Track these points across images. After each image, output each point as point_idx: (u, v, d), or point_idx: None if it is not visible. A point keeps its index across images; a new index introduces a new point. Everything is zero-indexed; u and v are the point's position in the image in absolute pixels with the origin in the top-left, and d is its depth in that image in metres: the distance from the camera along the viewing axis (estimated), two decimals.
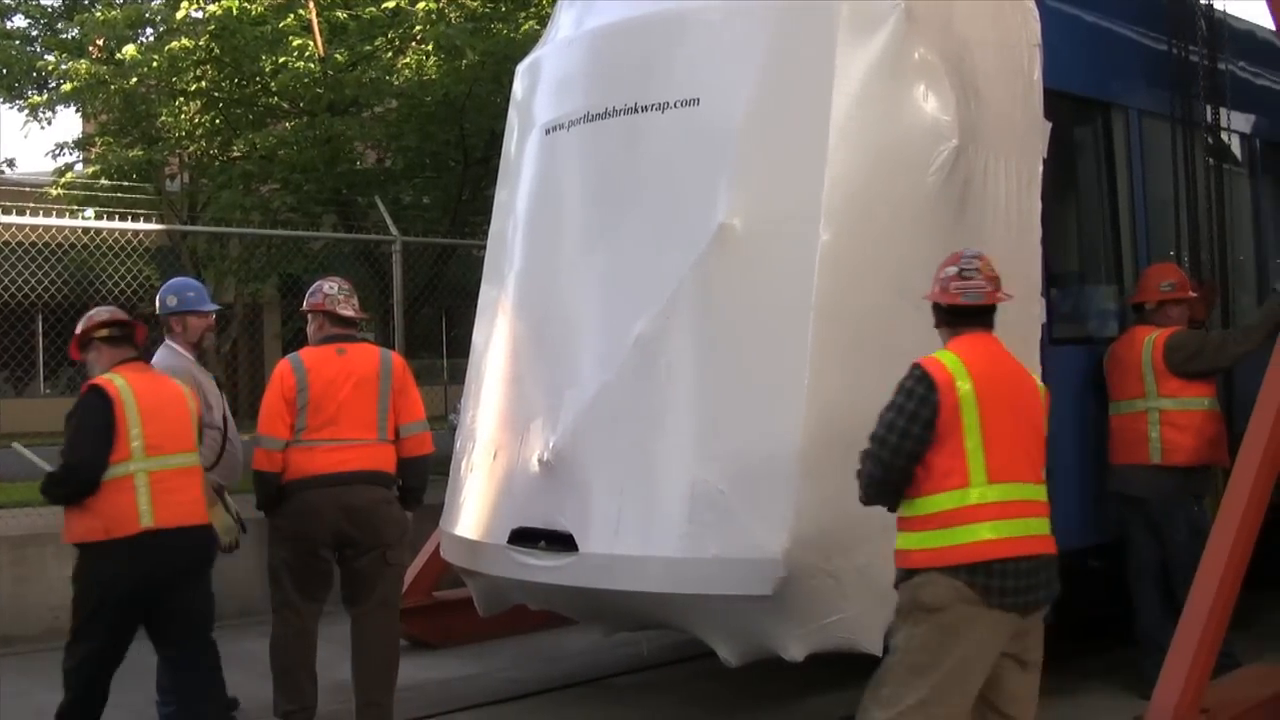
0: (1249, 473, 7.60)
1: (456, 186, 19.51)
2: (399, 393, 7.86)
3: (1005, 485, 5.67)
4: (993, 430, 5.66)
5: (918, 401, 5.62)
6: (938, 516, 5.62)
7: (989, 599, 5.55)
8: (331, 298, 7.91)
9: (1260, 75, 11.58)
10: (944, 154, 7.51)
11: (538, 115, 8.80)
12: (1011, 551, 5.63)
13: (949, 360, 5.73)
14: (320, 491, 7.61)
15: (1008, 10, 8.37)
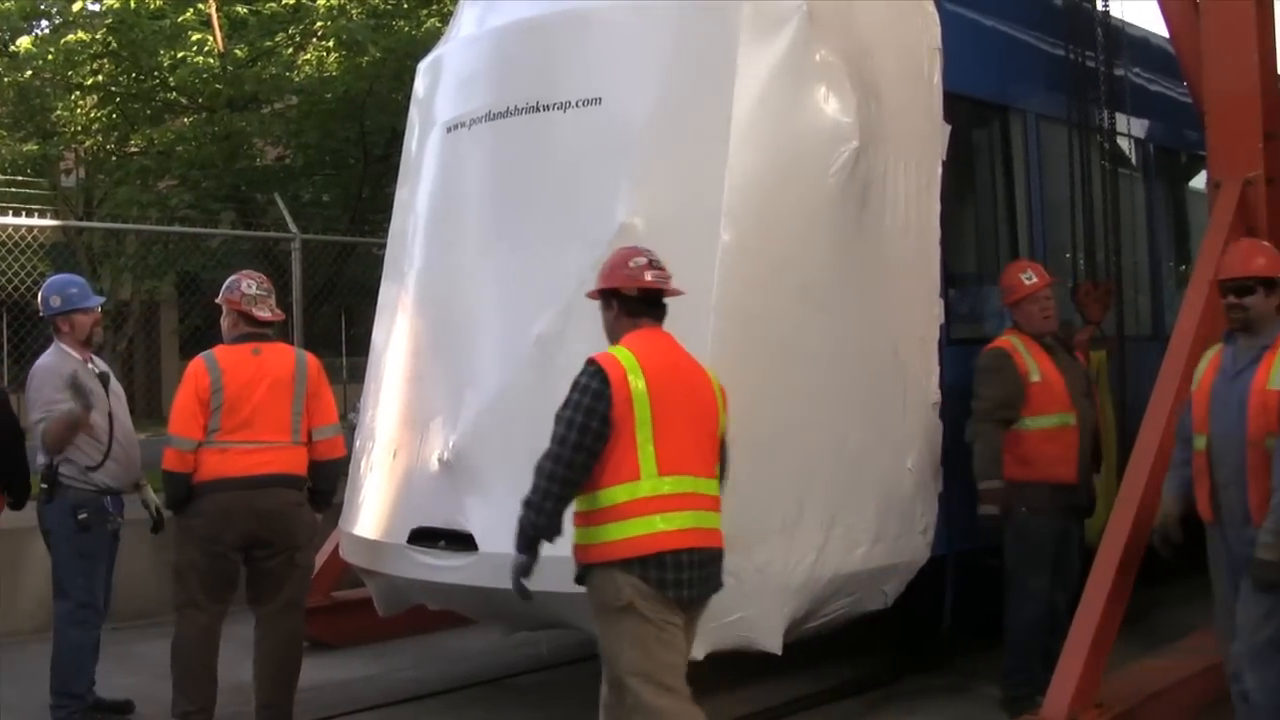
0: (1141, 474, 7.70)
1: (356, 184, 19.41)
2: (313, 395, 7.76)
3: (677, 478, 5.75)
4: (665, 425, 5.74)
5: (593, 397, 5.65)
6: (612, 510, 5.68)
7: (664, 591, 5.67)
8: (249, 298, 7.77)
9: (1155, 82, 11.74)
10: (844, 155, 7.56)
11: (439, 113, 8.76)
12: (683, 543, 5.73)
13: (624, 356, 5.78)
14: (234, 494, 7.49)
15: (908, 14, 8.45)
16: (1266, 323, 6.64)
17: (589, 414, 5.64)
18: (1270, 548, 6.17)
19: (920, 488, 8.10)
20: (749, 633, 7.22)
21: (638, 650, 5.70)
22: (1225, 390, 6.61)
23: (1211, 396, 6.68)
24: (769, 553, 7.10)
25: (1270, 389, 6.40)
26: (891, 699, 8.63)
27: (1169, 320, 10.31)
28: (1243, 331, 6.69)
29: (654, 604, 5.67)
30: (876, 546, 7.79)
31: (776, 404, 7.15)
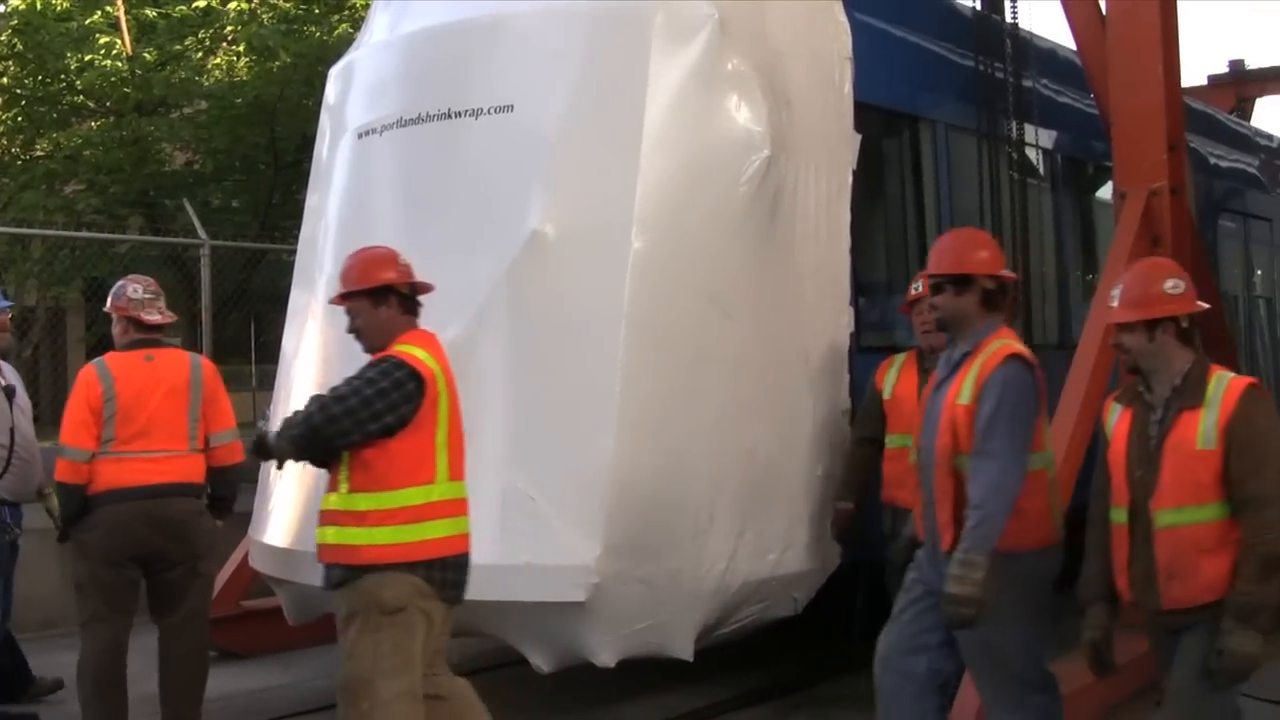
0: None
1: (266, 190, 19.29)
2: (209, 401, 7.65)
3: (456, 484, 5.94)
4: (452, 429, 5.90)
5: (404, 396, 5.72)
6: (403, 511, 5.75)
7: (442, 592, 5.84)
8: (136, 302, 7.65)
9: (1062, 93, 11.88)
10: (755, 164, 7.59)
11: (350, 119, 8.71)
12: (457, 548, 5.93)
13: (425, 358, 5.85)
14: (132, 504, 7.35)
15: (820, 23, 8.49)
16: (964, 325, 6.04)
17: (391, 408, 5.72)
18: (958, 580, 5.64)
19: (830, 495, 8.14)
20: (660, 639, 7.24)
21: (398, 657, 5.81)
22: (931, 401, 6.16)
23: (926, 406, 6.23)
24: (680, 559, 7.12)
25: (959, 404, 5.90)
26: (803, 705, 8.66)
27: (1076, 329, 10.43)
28: (948, 334, 6.22)
29: (429, 605, 5.82)
30: (787, 553, 7.83)
31: (687, 411, 7.17)
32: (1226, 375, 5.48)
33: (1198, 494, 5.35)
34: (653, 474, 6.93)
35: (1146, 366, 5.55)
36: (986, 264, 6.04)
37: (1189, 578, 5.39)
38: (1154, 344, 5.49)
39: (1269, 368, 15.77)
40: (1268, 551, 5.15)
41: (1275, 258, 16.55)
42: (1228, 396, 5.36)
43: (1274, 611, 5.17)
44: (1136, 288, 5.61)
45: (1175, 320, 5.51)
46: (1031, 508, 5.90)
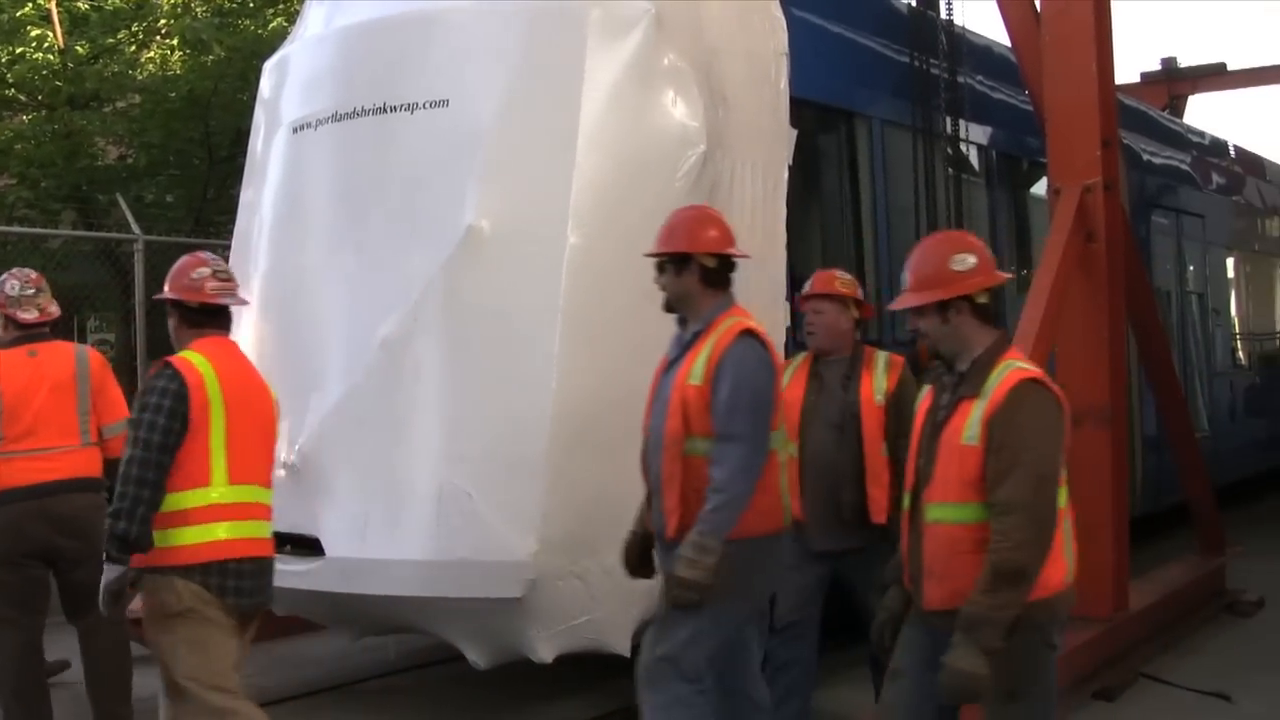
0: None
1: (201, 185, 19.11)
2: (98, 392, 7.54)
3: (245, 487, 5.85)
4: (236, 433, 5.80)
5: (174, 399, 5.65)
6: (179, 515, 5.70)
7: (225, 599, 5.75)
8: (13, 300, 7.53)
9: (997, 89, 11.95)
10: (691, 159, 7.59)
11: (285, 114, 8.66)
12: (245, 552, 5.84)
13: (198, 361, 5.78)
14: (25, 504, 7.25)
15: (756, 19, 8.50)
16: (689, 305, 5.95)
17: (170, 416, 5.62)
18: (690, 564, 5.49)
19: None
20: (597, 635, 7.23)
21: (197, 655, 5.76)
22: (661, 382, 6.02)
23: (656, 388, 6.08)
24: (617, 555, 7.11)
25: (690, 384, 5.77)
26: None
27: (1011, 323, 10.49)
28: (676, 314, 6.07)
29: (213, 610, 5.73)
30: None
31: (623, 407, 7.14)
32: (1011, 364, 5.08)
33: (961, 491, 5.00)
34: (589, 469, 6.92)
35: (946, 351, 5.20)
36: (708, 242, 5.96)
37: (945, 579, 5.04)
38: (949, 326, 5.13)
39: (1201, 363, 15.92)
40: (999, 561, 4.74)
41: (1207, 254, 16.70)
42: (999, 390, 4.98)
43: (1001, 628, 4.72)
44: (923, 267, 5.23)
45: (969, 299, 5.13)
46: (763, 491, 5.76)
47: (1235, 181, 18.86)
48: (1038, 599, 4.84)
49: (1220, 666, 9.18)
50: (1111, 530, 9.10)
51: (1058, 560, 4.97)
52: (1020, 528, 4.74)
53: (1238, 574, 11.66)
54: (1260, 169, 20.18)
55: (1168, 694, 8.59)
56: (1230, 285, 18.34)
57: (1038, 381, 5.05)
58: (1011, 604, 4.73)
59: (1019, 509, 4.76)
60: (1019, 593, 4.74)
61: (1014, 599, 4.73)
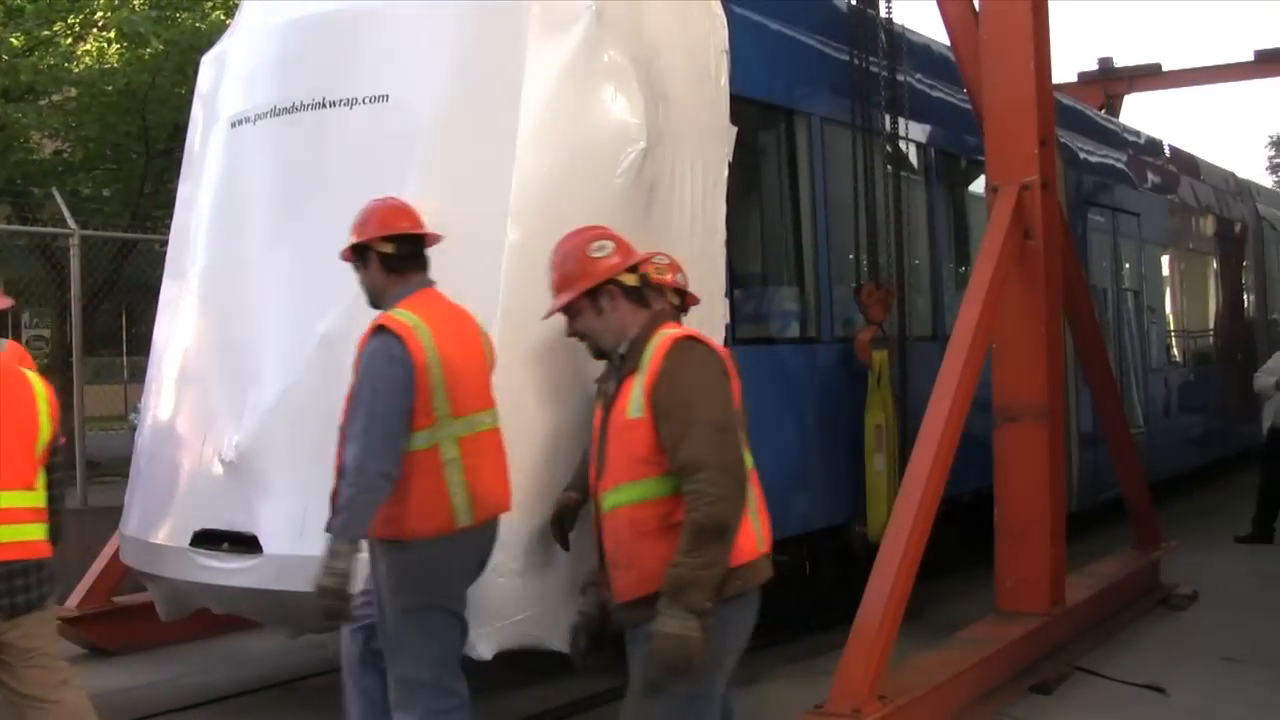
0: (922, 471, 7.87)
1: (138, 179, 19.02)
2: None
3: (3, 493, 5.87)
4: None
5: None
6: None
7: None
8: None
9: (936, 88, 12.01)
10: (631, 156, 7.58)
11: (223, 108, 8.60)
12: None
13: None
14: None
15: (696, 16, 8.51)
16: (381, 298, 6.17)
17: None
18: (325, 573, 5.51)
19: None
20: (536, 631, 7.21)
21: None
22: None
23: None
24: (555, 551, 7.11)
25: None
26: None
27: (949, 321, 10.56)
28: None
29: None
30: None
31: (562, 404, 7.15)
32: (665, 333, 5.04)
33: (633, 469, 4.91)
34: (528, 466, 6.91)
35: (609, 344, 5.18)
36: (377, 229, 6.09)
37: (632, 566, 4.95)
38: (605, 317, 5.16)
39: (1137, 360, 16.06)
40: (700, 519, 4.64)
41: (1143, 251, 16.85)
42: (654, 357, 4.92)
43: (709, 588, 4.63)
44: (564, 265, 5.27)
45: (618, 284, 5.16)
46: (417, 490, 5.72)
47: (1170, 180, 19.03)
48: (732, 566, 4.77)
49: (1155, 660, 9.28)
50: (1048, 526, 9.18)
51: (745, 527, 4.89)
52: (714, 482, 4.66)
53: (1172, 569, 11.77)
54: (1194, 168, 20.38)
55: (1103, 687, 8.67)
56: (1165, 283, 18.51)
57: (692, 339, 5.02)
58: (718, 561, 4.65)
59: (707, 464, 4.68)
60: (724, 548, 4.67)
61: (719, 556, 4.65)
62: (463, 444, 5.87)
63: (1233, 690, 8.64)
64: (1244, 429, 19.52)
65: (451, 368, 5.86)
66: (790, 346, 9.86)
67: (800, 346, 9.93)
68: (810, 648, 9.49)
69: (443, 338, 5.88)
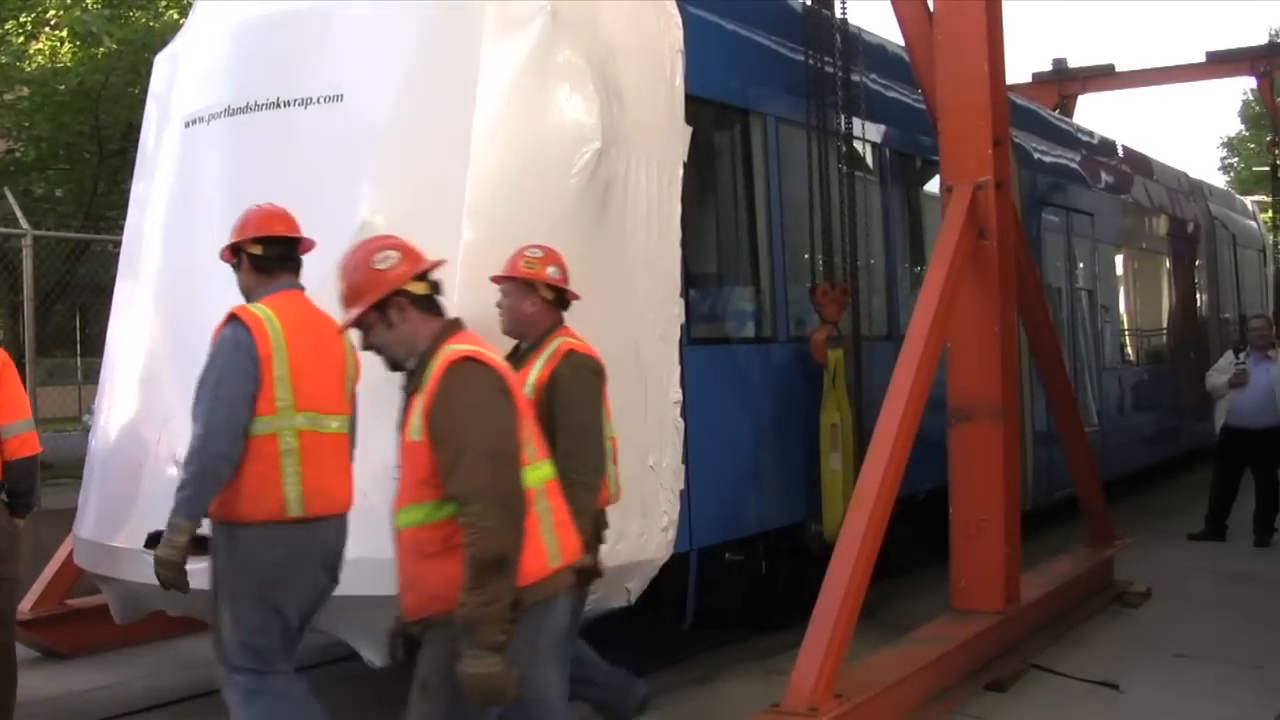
0: (878, 470, 7.90)
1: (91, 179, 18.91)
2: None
3: None
4: None
5: None
6: None
7: None
8: None
9: (891, 88, 12.05)
10: (586, 156, 7.60)
11: (177, 108, 8.56)
12: None
13: None
14: None
15: (651, 16, 8.53)
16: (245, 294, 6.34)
17: None
18: (164, 544, 5.91)
19: (662, 485, 8.18)
20: None
21: None
22: None
23: None
24: None
25: None
26: None
27: (904, 320, 10.60)
28: None
29: None
30: (620, 544, 7.84)
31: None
32: (448, 349, 4.85)
33: (417, 491, 4.79)
34: None
35: (402, 356, 4.99)
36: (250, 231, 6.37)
37: (413, 588, 4.88)
38: (396, 329, 4.97)
39: (1091, 358, 16.16)
40: (477, 553, 4.51)
41: (1096, 251, 16.94)
42: (432, 377, 4.77)
43: (498, 621, 4.53)
44: (351, 277, 5.04)
45: (406, 294, 4.96)
46: (252, 475, 5.85)
47: (1124, 180, 19.14)
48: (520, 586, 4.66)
49: (1109, 656, 9.33)
50: (1002, 524, 9.22)
51: (532, 544, 4.76)
52: (485, 515, 4.53)
53: (1126, 566, 11.84)
54: (1148, 168, 20.50)
55: (1058, 684, 8.72)
56: (1119, 282, 18.62)
57: (470, 360, 4.82)
58: (501, 595, 4.53)
59: (478, 496, 4.56)
60: (505, 579, 4.54)
61: (501, 588, 4.53)
62: (303, 437, 5.98)
63: (1186, 685, 8.70)
64: (1197, 427, 19.66)
65: (299, 363, 5.99)
66: (745, 346, 9.88)
67: (755, 346, 9.95)
68: (766, 647, 9.52)
69: (294, 334, 6.02)
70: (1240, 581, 12.30)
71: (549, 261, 6.68)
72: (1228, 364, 14.44)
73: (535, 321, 6.62)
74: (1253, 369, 14.11)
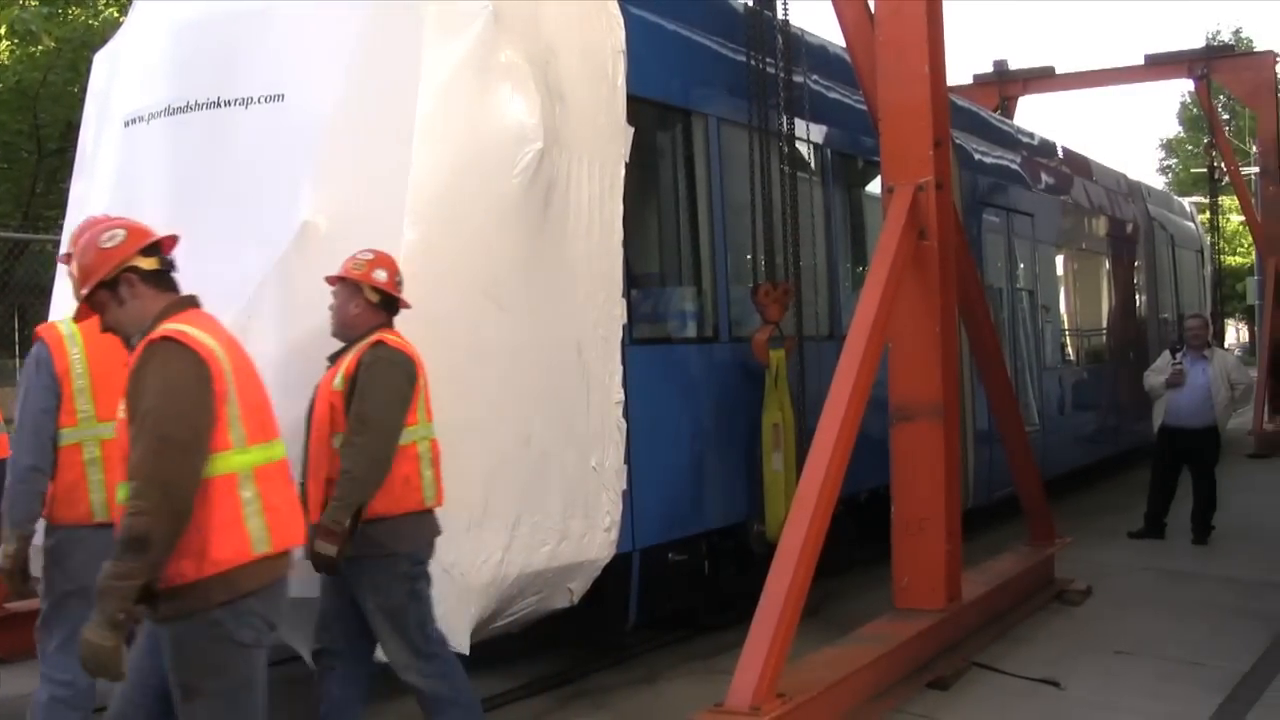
0: (820, 469, 7.91)
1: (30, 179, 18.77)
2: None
3: None
4: None
5: None
6: None
7: None
8: None
9: (833, 89, 12.09)
10: (528, 156, 7.60)
11: (117, 106, 8.50)
12: None
13: None
14: None
15: (593, 16, 8.53)
16: None
17: None
18: None
19: (605, 486, 8.20)
20: None
21: None
22: None
23: None
24: (455, 552, 7.09)
25: None
26: (580, 695, 8.71)
27: (846, 320, 10.63)
28: None
29: None
30: (562, 545, 7.86)
31: (460, 403, 7.14)
32: (161, 329, 4.84)
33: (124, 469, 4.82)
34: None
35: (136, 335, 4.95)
36: None
37: None
38: (128, 306, 4.98)
39: (1031, 358, 16.26)
40: (124, 528, 4.57)
41: (1036, 251, 17.04)
42: (135, 354, 4.83)
43: (122, 599, 4.54)
44: (80, 259, 5.03)
45: (137, 270, 4.95)
46: (62, 482, 6.29)
47: (1064, 181, 19.26)
48: (207, 576, 4.71)
49: (1050, 654, 9.39)
50: (944, 523, 9.26)
51: (230, 531, 4.79)
52: (140, 494, 4.57)
53: (1067, 564, 11.92)
54: (1087, 170, 20.64)
55: (1000, 682, 8.76)
56: (1059, 282, 18.75)
57: (168, 339, 4.78)
58: (134, 573, 4.54)
59: (139, 475, 4.60)
60: (142, 562, 4.54)
61: (136, 568, 4.54)
62: (105, 446, 6.18)
63: (1125, 682, 8.77)
64: (1136, 426, 19.82)
65: (97, 375, 6.28)
66: (688, 346, 9.89)
67: (698, 346, 9.96)
68: (709, 646, 9.53)
69: (94, 350, 6.25)
70: (1179, 579, 12.40)
71: (378, 265, 6.69)
72: (1165, 364, 14.50)
73: (358, 323, 6.64)
74: (1189, 368, 14.20)
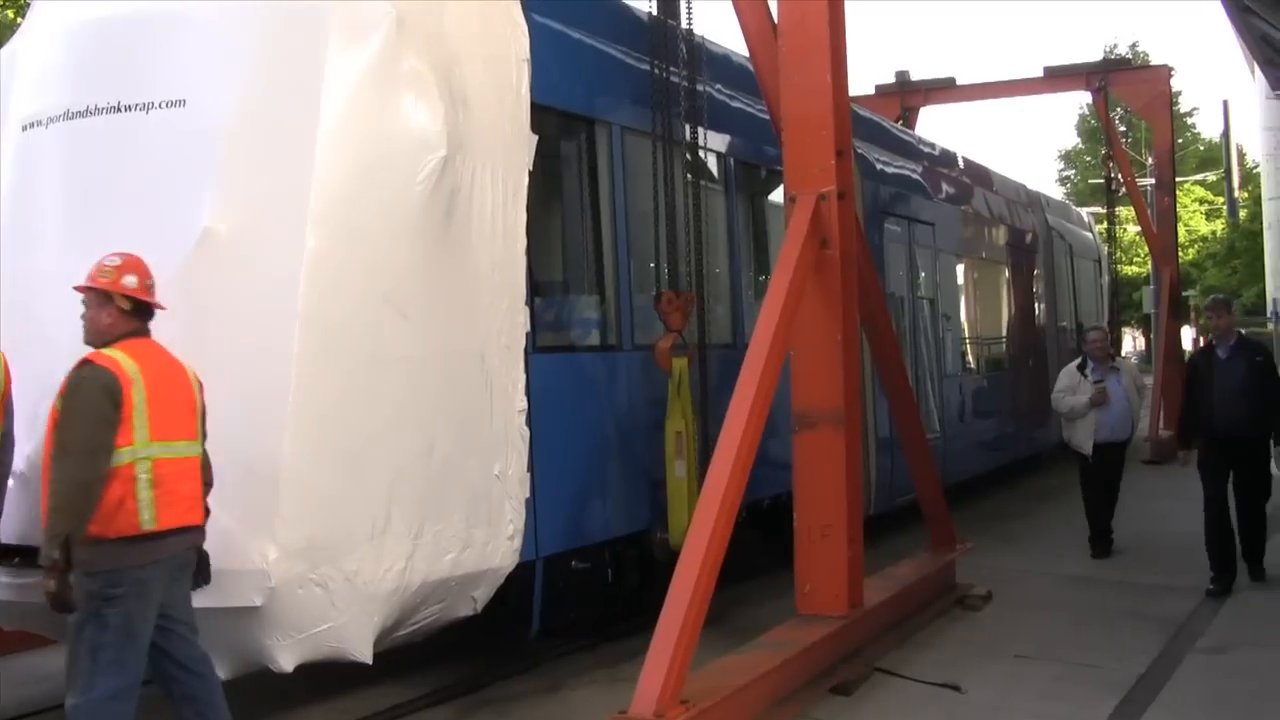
0: (722, 477, 7.94)
1: None
2: None
3: None
4: None
5: None
6: None
7: None
8: None
9: (737, 98, 12.13)
10: (431, 163, 7.59)
11: (14, 110, 8.38)
12: None
13: None
14: None
15: (498, 24, 8.53)
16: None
17: None
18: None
19: (508, 494, 8.19)
20: (339, 642, 7.17)
21: None
22: None
23: None
24: (357, 561, 7.07)
25: None
26: (484, 704, 8.68)
27: (748, 328, 10.67)
28: None
29: None
30: (466, 553, 7.85)
31: (362, 412, 7.12)
32: None
33: None
34: (328, 475, 6.86)
35: None
36: None
37: None
38: None
39: (932, 366, 16.40)
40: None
41: (938, 260, 17.19)
42: None
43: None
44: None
45: None
46: None
47: (964, 191, 19.44)
48: None
49: (952, 658, 9.47)
50: (846, 530, 9.32)
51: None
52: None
53: (967, 569, 12.02)
54: (987, 180, 20.84)
55: (902, 686, 8.83)
56: (960, 291, 18.92)
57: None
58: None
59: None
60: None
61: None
62: None
63: (1025, 685, 8.86)
64: (1036, 434, 20.04)
65: None
66: (590, 354, 9.91)
67: (600, 354, 9.98)
68: (612, 654, 9.54)
69: None
70: (1077, 583, 12.55)
71: (126, 270, 6.59)
72: (1074, 382, 14.01)
73: (111, 332, 6.53)
74: (1110, 386, 13.87)
